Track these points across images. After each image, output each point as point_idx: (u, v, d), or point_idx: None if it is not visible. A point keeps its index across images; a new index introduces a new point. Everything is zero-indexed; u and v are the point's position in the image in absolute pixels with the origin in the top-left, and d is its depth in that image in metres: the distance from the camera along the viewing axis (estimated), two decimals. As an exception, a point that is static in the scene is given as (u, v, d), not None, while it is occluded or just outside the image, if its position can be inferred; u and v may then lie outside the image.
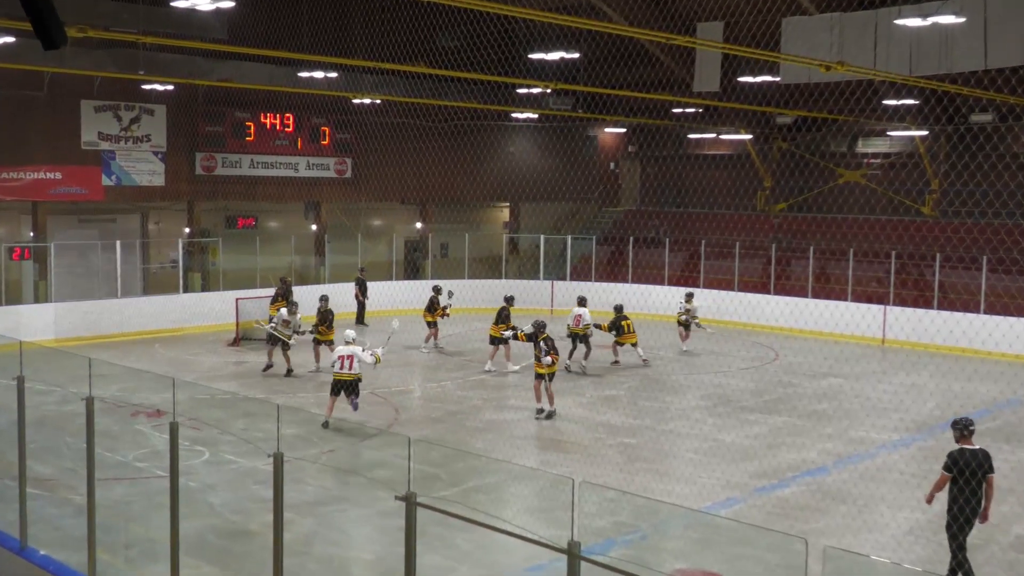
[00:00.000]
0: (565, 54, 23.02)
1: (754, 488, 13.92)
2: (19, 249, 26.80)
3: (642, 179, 41.87)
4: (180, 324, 26.84)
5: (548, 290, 32.22)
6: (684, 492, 13.46)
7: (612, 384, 21.08)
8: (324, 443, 15.75)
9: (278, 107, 31.22)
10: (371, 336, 23.53)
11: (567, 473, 13.69)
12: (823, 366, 23.07)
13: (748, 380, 21.91)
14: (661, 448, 16.06)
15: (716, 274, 31.72)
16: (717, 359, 24.36)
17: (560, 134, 37.07)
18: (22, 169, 26.63)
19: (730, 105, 28.53)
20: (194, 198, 30.69)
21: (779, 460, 15.33)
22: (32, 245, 27.08)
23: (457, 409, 18.45)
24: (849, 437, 16.89)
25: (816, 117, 28.14)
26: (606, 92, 26.60)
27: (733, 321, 29.33)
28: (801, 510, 12.91)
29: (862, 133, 34.32)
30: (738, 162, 36.35)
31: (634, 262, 32.83)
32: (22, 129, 26.60)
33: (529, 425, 17.35)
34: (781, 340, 27.22)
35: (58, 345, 23.60)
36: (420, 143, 32.37)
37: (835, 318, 26.22)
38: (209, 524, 11.96)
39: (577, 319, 22.10)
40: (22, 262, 26.83)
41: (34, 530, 10.61)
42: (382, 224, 35.71)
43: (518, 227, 38.58)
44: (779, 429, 17.42)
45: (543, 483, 13.72)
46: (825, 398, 19.94)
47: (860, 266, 29.19)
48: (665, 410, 18.71)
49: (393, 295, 28.35)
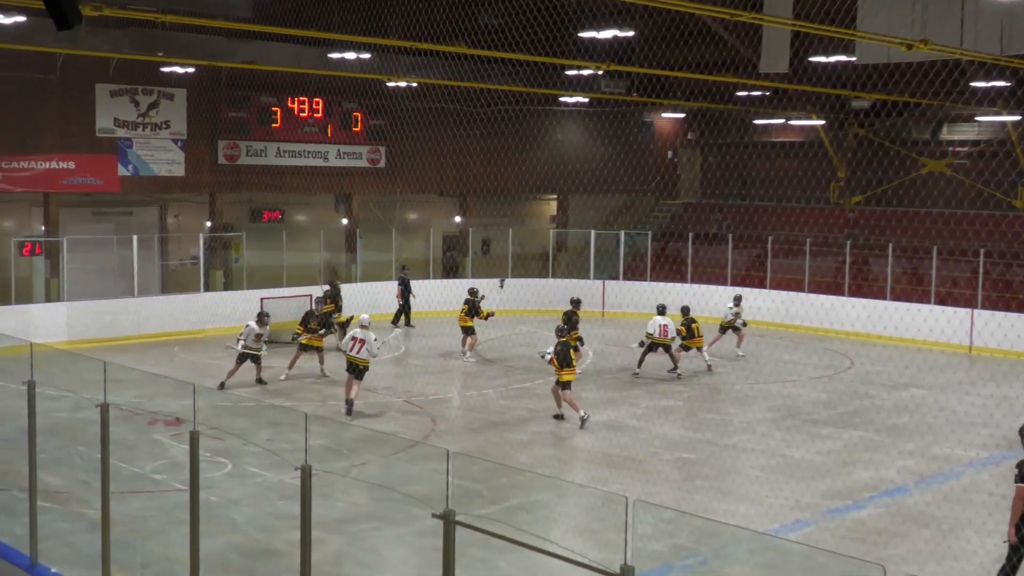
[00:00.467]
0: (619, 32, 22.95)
1: (826, 509, 13.80)
2: (29, 244, 27.21)
3: (703, 169, 41.65)
4: (201, 325, 27.12)
5: (599, 291, 32.18)
6: (748, 513, 13.37)
7: (669, 393, 21.00)
8: (355, 455, 15.84)
9: (307, 91, 31.44)
10: (415, 340, 23.66)
11: (620, 491, 13.65)
12: (903, 376, 22.84)
13: (820, 390, 21.73)
14: (723, 464, 15.97)
15: (784, 274, 31.49)
16: (785, 367, 24.18)
17: (613, 120, 36.99)
18: (32, 158, 27.04)
19: (800, 88, 28.29)
20: (216, 190, 30.99)
21: (854, 479, 15.19)
22: (43, 240, 27.48)
23: (500, 420, 18.47)
24: (932, 454, 16.69)
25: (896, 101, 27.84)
26: (663, 74, 26.50)
27: (803, 326, 29.11)
28: (878, 534, 12.78)
29: (947, 119, 33.91)
30: (809, 150, 36.05)
31: (694, 260, 32.68)
32: (33, 115, 27.01)
33: (578, 438, 17.33)
34: (856, 347, 26.97)
35: (70, 347, 23.93)
36: (460, 130, 32.42)
37: (917, 323, 25.91)
38: (231, 542, 12.06)
39: (663, 329, 22.14)
40: (32, 258, 27.22)
41: (45, 546, 10.75)
42: (418, 218, 35.85)
43: (566, 222, 38.56)
44: (854, 445, 17.27)
45: (593, 501, 13.70)
46: (905, 411, 19.74)
47: (945, 265, 28.85)
48: (728, 423, 18.61)
49: (430, 295, 28.42)
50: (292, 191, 32.42)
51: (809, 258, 30.98)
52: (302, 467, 7.87)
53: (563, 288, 27.12)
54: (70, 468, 14.89)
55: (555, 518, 13.48)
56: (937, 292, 28.31)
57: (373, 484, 14.74)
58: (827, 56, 25.32)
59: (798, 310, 29.41)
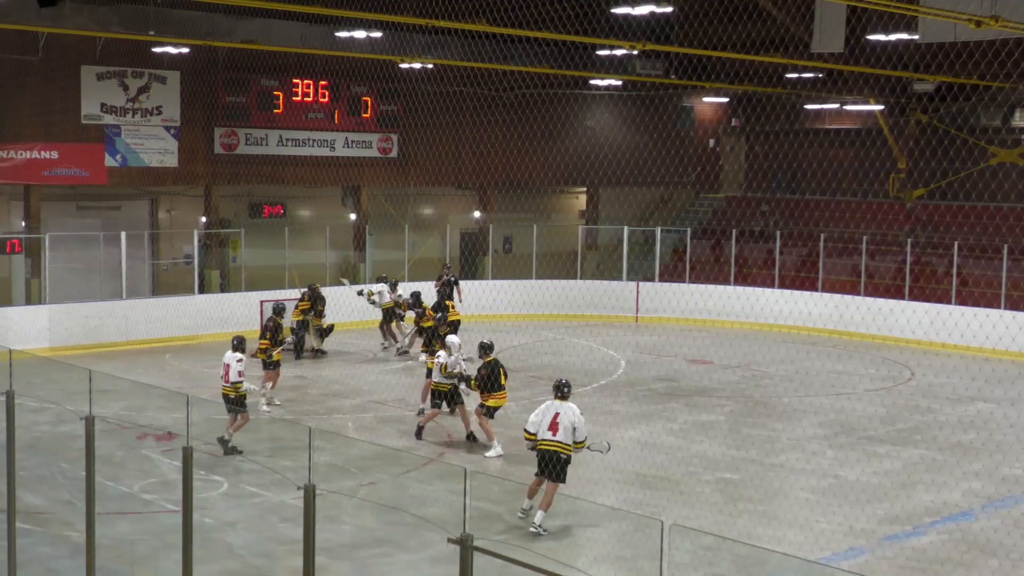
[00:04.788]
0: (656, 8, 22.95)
1: (883, 536, 13.76)
2: (8, 241, 27.35)
3: (748, 159, 41.57)
4: (195, 331, 27.23)
5: (632, 293, 32.17)
6: (797, 539, 13.36)
7: (709, 407, 20.98)
8: (364, 474, 15.90)
9: (311, 73, 31.55)
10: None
11: (654, 514, 13.66)
12: (969, 388, 22.72)
13: (876, 404, 21.67)
14: (769, 486, 15.95)
15: (838, 275, 31.38)
16: (838, 378, 24.11)
17: (649, 105, 36.97)
18: (12, 147, 27.25)
19: (857, 69, 28.20)
20: (212, 182, 31.14)
21: (914, 502, 15.15)
22: (23, 236, 27.65)
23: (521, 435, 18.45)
24: (1001, 476, 16.61)
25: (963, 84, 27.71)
26: (705, 53, 26.45)
27: (859, 332, 29.01)
28: (941, 564, 12.75)
29: (1020, 104, 33.75)
30: (866, 139, 35.94)
31: (738, 259, 32.63)
32: (12, 100, 27.22)
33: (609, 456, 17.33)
34: (918, 356, 26.86)
35: (53, 355, 24.07)
36: (480, 116, 32.50)
37: (985, 330, 25.76)
38: (227, 568, 12.13)
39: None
40: (12, 256, 27.36)
41: (24, 573, 10.85)
42: (433, 213, 35.94)
43: (597, 217, 38.56)
44: (914, 465, 17.21)
45: (625, 526, 13.70)
46: (972, 427, 19.65)
47: (1017, 266, 28.70)
48: (774, 440, 18.57)
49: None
50: (295, 183, 32.54)
51: (866, 258, 30.87)
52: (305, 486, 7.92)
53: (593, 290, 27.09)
54: (52, 487, 14.99)
55: (583, 544, 13.50)
56: (1008, 296, 28.16)
57: (383, 506, 14.80)
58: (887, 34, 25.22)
59: (853, 315, 29.31)
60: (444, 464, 16.28)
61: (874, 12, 22.74)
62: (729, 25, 28.80)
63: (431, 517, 13.56)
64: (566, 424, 13.55)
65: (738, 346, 26.01)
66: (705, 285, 31.56)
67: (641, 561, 11.66)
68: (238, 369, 16.79)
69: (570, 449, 13.57)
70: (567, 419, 13.57)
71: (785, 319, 29.09)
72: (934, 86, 31.21)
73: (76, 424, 10.01)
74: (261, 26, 27.61)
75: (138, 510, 14.02)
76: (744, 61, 28.70)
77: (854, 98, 34.26)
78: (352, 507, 14.35)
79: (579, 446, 13.64)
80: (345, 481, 15.28)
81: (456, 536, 6.88)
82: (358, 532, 13.52)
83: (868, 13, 24.03)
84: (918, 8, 20.03)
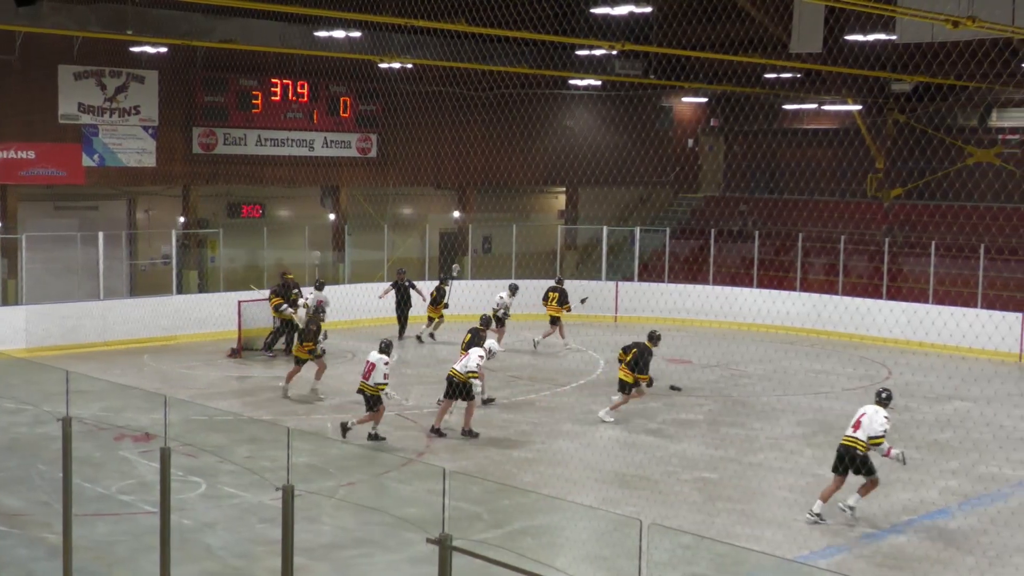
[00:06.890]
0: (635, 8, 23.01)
1: (861, 534, 13.83)
2: (-15, 242, 27.27)
3: (727, 159, 41.65)
4: (173, 331, 27.15)
5: (612, 293, 32.21)
6: (775, 538, 13.40)
7: (688, 407, 21.02)
8: (343, 474, 15.88)
9: (290, 73, 31.50)
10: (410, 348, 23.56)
11: (633, 513, 13.68)
12: (946, 387, 22.82)
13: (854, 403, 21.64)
14: (747, 485, 15.99)
15: (816, 274, 31.49)
16: (816, 377, 24.19)
17: (628, 105, 37.01)
18: (-11, 147, 27.13)
19: (835, 69, 28.26)
20: (190, 182, 31.06)
21: (891, 501, 15.21)
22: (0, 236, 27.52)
23: (502, 435, 18.50)
24: (978, 474, 16.70)
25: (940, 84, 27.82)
26: (684, 54, 26.48)
27: (836, 332, 29.10)
28: (919, 562, 12.82)
29: (997, 103, 33.89)
30: (844, 139, 36.04)
31: (716, 259, 32.71)
32: (-11, 100, 27.09)
33: (588, 455, 17.37)
34: (895, 355, 26.96)
35: (30, 356, 23.98)
36: (459, 116, 32.49)
37: (962, 329, 25.88)
38: (206, 570, 12.11)
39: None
40: (-11, 257, 27.29)
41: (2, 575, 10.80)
42: (413, 213, 35.89)
43: (576, 217, 38.58)
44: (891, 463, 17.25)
45: (604, 525, 13.72)
46: (948, 426, 19.72)
47: (994, 265, 28.85)
48: (753, 439, 18.62)
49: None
50: (274, 183, 32.48)
51: (843, 257, 30.98)
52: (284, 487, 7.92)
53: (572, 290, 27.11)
54: (29, 488, 14.93)
55: (562, 543, 13.52)
56: (984, 295, 28.29)
57: (362, 506, 14.78)
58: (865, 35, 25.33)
59: (831, 315, 29.39)
60: (423, 464, 16.28)
61: (852, 12, 22.82)
62: (708, 25, 28.91)
63: (410, 517, 13.55)
64: (866, 424, 14.48)
65: (717, 345, 26.05)
66: (684, 285, 31.62)
67: (620, 560, 11.68)
68: (384, 371, 17.38)
69: (865, 446, 14.35)
70: (869, 420, 14.52)
71: (763, 318, 29.20)
72: (912, 86, 31.35)
73: (53, 425, 9.99)
74: (240, 26, 27.56)
75: (116, 511, 13.97)
76: (723, 61, 28.78)
77: (832, 98, 34.37)
78: (331, 507, 14.33)
79: (875, 442, 14.39)
80: (324, 482, 15.25)
81: (435, 536, 6.89)
82: (337, 532, 13.51)
83: (846, 13, 24.14)
84: (896, 8, 20.09)
